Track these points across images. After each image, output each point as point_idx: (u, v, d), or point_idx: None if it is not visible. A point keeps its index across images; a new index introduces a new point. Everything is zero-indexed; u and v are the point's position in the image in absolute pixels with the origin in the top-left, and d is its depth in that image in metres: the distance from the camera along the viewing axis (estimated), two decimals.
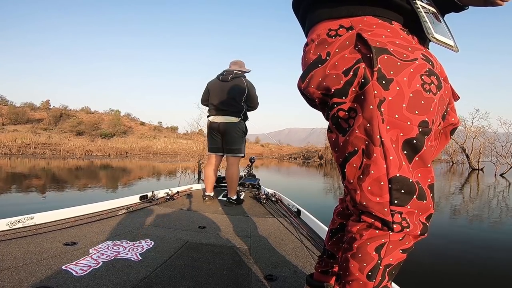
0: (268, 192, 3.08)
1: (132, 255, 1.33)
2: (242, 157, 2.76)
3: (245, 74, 2.80)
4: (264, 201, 2.68)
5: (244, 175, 3.82)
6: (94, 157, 18.24)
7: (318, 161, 24.16)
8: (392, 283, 1.08)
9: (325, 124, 0.75)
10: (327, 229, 0.95)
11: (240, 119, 2.68)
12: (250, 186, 3.46)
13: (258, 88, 2.83)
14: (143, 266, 1.22)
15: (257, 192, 3.04)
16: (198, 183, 4.17)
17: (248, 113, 2.83)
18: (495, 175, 13.27)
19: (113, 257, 1.28)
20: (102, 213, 2.02)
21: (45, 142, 21.95)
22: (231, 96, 2.62)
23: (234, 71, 2.72)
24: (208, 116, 2.76)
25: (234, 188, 2.67)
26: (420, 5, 0.67)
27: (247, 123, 2.82)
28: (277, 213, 2.32)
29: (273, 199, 2.76)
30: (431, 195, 0.63)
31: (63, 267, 1.15)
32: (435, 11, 0.71)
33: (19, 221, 1.62)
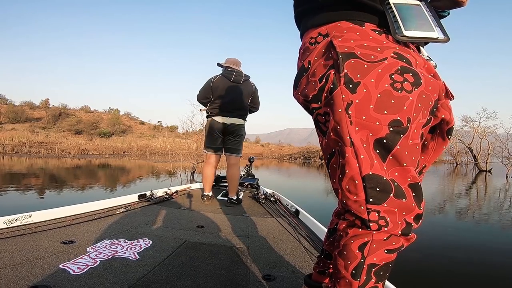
0: (267, 192, 3.08)
1: (130, 254, 1.33)
2: (240, 157, 2.79)
3: None
4: (263, 201, 2.67)
5: (243, 175, 3.82)
6: (90, 156, 18.17)
7: (319, 161, 24.13)
8: (389, 284, 1.07)
9: None
10: (325, 229, 0.95)
11: (245, 121, 2.76)
12: (249, 186, 3.45)
13: (258, 88, 2.87)
14: (141, 265, 1.21)
15: (256, 192, 3.04)
16: (191, 182, 4.16)
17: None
18: (507, 177, 12.96)
19: (110, 256, 1.28)
20: (100, 211, 2.01)
21: (42, 141, 21.88)
22: (242, 99, 2.66)
23: (244, 73, 2.73)
24: (210, 115, 2.70)
25: (235, 188, 2.67)
26: (394, 3, 0.65)
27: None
28: (275, 213, 2.32)
29: (272, 199, 2.76)
30: (414, 194, 0.62)
31: (60, 266, 1.14)
32: (418, 3, 0.67)
33: (16, 220, 1.61)
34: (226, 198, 2.71)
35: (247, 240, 1.66)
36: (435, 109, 0.67)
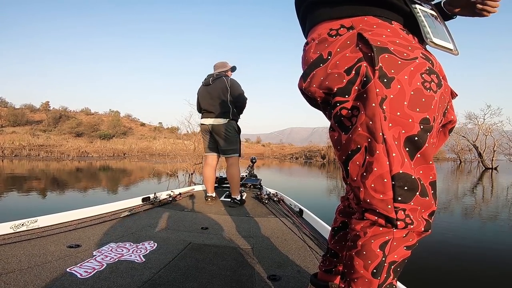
0: (270, 192, 3.08)
1: (136, 256, 1.34)
2: (239, 156, 2.76)
3: (228, 71, 2.84)
4: (266, 201, 2.68)
5: (246, 175, 3.83)
6: (90, 159, 18.20)
7: (321, 160, 24.04)
8: (398, 282, 1.08)
9: (327, 123, 0.76)
10: (330, 228, 0.95)
11: (228, 119, 2.69)
12: (252, 186, 3.46)
13: (259, 88, 2.88)
14: (147, 268, 1.22)
15: (259, 193, 3.05)
16: (190, 185, 4.17)
17: (244, 111, 2.87)
18: None
19: (116, 259, 1.29)
20: (105, 215, 2.03)
21: (43, 144, 21.89)
22: (215, 98, 2.69)
23: (215, 73, 2.79)
24: (201, 119, 2.86)
25: (237, 188, 2.69)
26: (420, 9, 0.68)
27: (239, 122, 2.84)
28: (279, 213, 2.33)
29: (275, 199, 2.77)
30: (432, 192, 0.64)
31: (67, 270, 1.15)
32: (435, 14, 0.71)
33: (23, 224, 1.62)
34: (230, 199, 2.72)
35: (252, 240, 1.67)
36: (445, 111, 0.70)
